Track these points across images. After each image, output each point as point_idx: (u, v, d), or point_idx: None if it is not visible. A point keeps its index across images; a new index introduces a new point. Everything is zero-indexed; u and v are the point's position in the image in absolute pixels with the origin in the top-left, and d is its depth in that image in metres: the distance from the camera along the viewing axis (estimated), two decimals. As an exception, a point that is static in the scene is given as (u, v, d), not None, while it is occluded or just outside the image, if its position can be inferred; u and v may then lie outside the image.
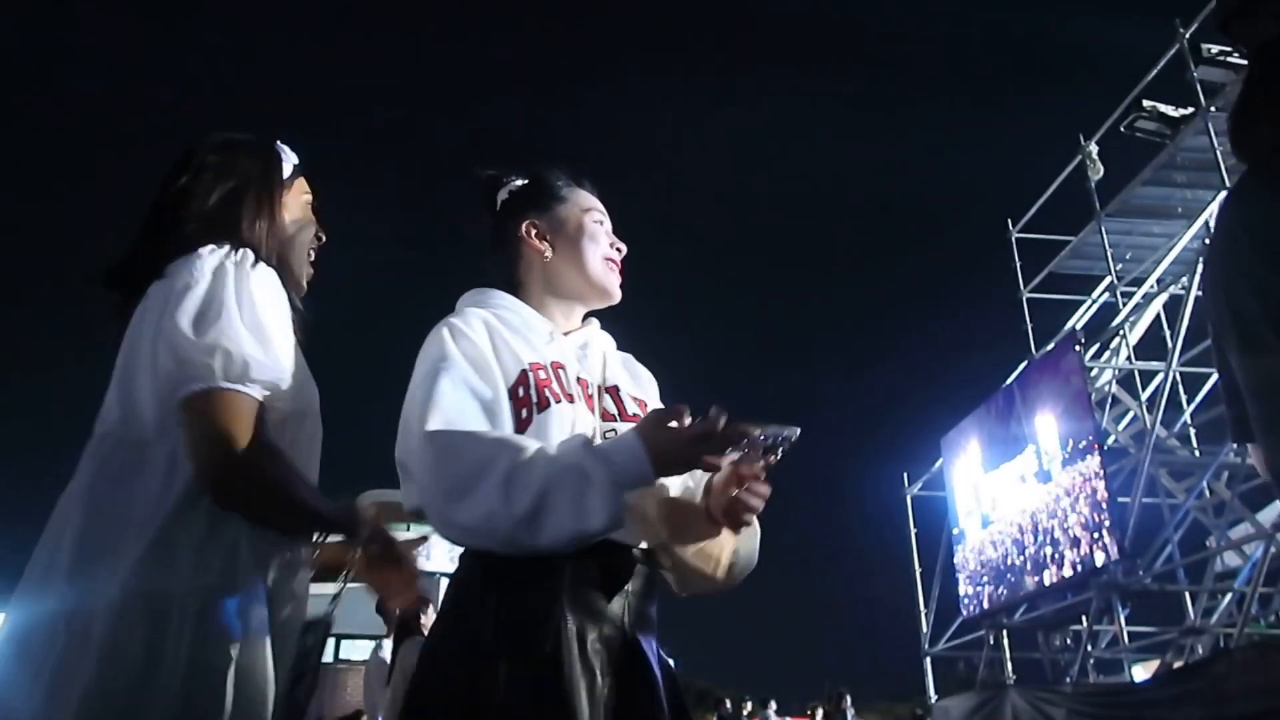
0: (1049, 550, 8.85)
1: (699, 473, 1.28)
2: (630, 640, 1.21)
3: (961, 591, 10.97)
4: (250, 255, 1.29)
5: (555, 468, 1.08)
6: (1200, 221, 8.58)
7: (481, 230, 1.51)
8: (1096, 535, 7.99)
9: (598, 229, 1.46)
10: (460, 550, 1.23)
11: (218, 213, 1.36)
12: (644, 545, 1.30)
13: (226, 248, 1.28)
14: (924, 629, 12.40)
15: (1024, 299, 11.47)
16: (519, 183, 1.50)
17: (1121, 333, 9.58)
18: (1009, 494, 9.82)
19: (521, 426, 1.23)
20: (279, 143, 1.51)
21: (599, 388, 1.38)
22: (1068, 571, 8.51)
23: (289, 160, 1.50)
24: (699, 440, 1.08)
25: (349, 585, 1.39)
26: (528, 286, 1.44)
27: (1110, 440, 9.33)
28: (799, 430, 1.12)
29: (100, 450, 1.22)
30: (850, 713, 12.70)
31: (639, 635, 1.22)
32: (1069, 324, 10.83)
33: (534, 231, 1.43)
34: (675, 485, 1.36)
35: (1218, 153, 8.05)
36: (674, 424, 1.09)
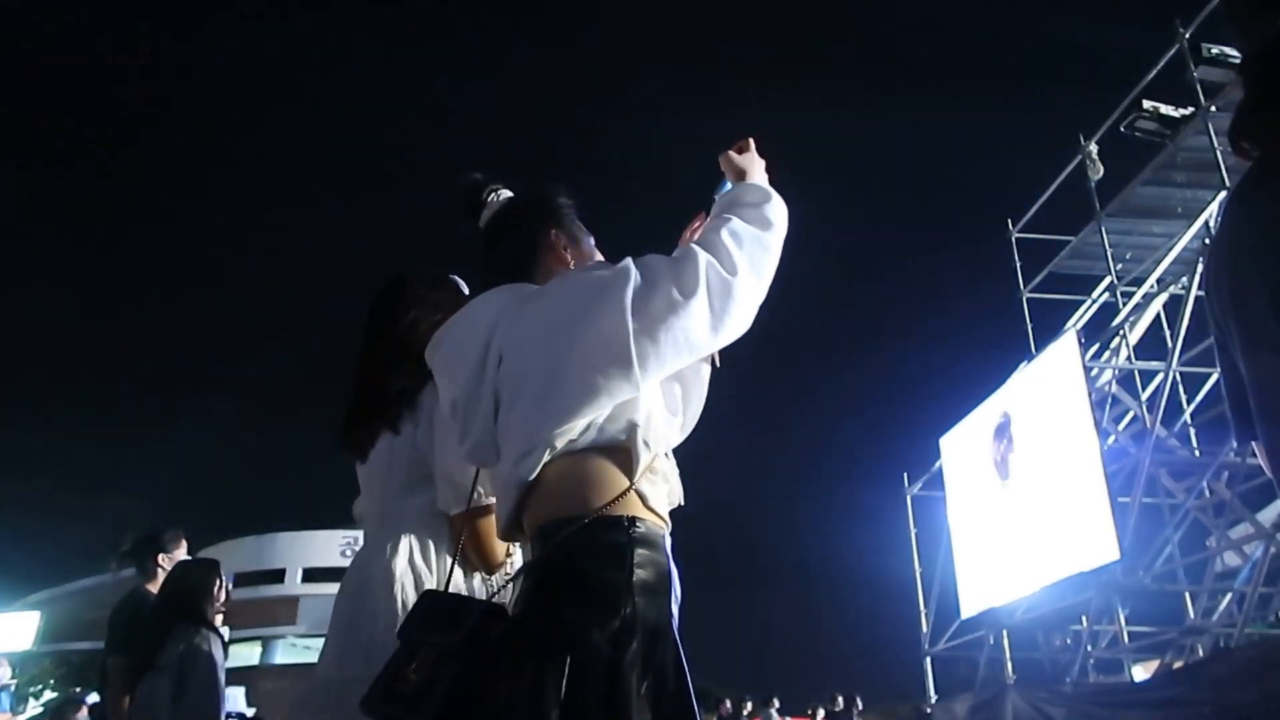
0: (1049, 550, 8.86)
1: None
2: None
3: (961, 591, 10.98)
4: None
5: (749, 221, 1.36)
6: (1200, 221, 8.58)
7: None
8: (1096, 535, 8.00)
9: (595, 249, 1.58)
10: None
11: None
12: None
13: None
14: (924, 629, 12.42)
15: (1024, 299, 11.50)
16: (505, 192, 1.62)
17: (1121, 333, 9.59)
18: (1009, 493, 9.83)
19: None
20: (455, 277, 1.94)
21: None
22: (1068, 571, 8.52)
23: (464, 290, 1.92)
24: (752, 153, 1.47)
25: None
26: None
27: (1110, 440, 9.34)
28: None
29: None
30: (858, 707, 12.69)
31: None
32: (1069, 324, 10.84)
33: (561, 242, 1.52)
34: None
35: (1218, 153, 8.05)
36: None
